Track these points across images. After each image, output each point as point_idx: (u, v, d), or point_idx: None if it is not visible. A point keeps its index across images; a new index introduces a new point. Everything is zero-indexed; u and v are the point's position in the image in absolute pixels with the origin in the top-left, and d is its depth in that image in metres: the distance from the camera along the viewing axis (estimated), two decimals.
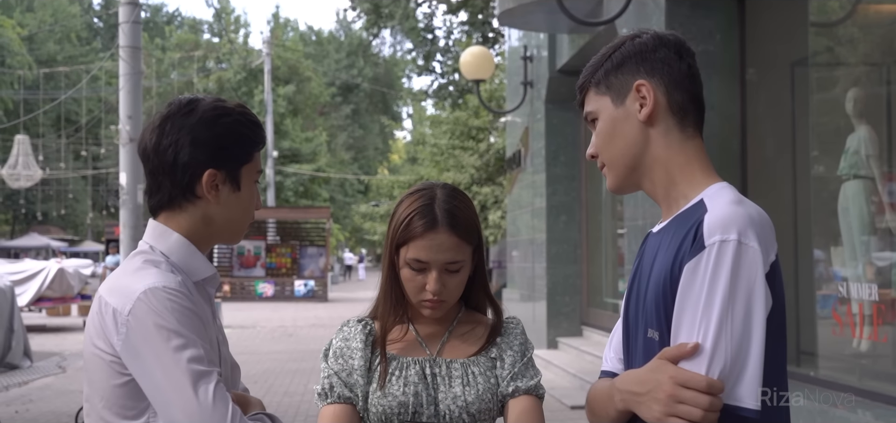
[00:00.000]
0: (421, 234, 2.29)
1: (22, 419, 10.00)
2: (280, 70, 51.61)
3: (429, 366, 2.35)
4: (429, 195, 2.34)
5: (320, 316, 24.52)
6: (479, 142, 23.99)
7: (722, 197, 1.93)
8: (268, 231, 33.95)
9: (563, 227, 13.45)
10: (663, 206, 2.07)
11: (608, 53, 2.09)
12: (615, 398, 1.99)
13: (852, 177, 6.69)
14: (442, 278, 2.30)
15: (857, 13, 7.12)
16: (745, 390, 1.82)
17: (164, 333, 2.00)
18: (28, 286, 19.94)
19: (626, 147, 2.04)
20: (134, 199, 14.47)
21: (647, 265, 2.04)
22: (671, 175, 2.03)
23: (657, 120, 2.02)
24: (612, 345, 2.23)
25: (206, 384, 1.98)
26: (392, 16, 27.94)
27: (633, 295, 2.10)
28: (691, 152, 2.04)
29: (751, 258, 1.83)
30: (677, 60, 2.04)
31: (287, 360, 14.64)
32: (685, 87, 2.03)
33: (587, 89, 2.12)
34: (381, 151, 68.82)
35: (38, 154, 34.69)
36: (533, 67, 13.99)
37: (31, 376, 13.54)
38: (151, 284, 2.05)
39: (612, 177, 2.10)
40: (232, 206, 2.21)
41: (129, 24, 14.66)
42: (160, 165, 2.17)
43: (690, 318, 1.85)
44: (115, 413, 2.08)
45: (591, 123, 2.13)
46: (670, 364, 1.85)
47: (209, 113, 2.17)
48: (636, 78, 2.03)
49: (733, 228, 1.84)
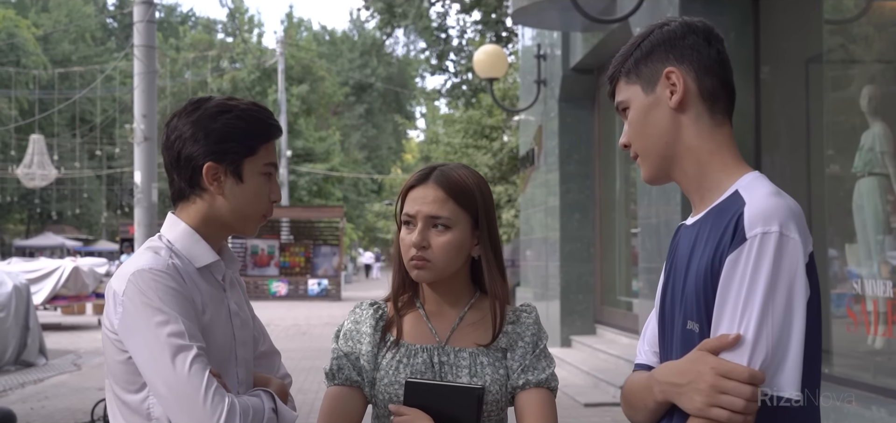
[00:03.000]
0: (411, 187, 2.35)
1: (38, 415, 10.04)
2: (293, 70, 51.65)
3: (437, 354, 2.34)
4: (436, 164, 2.40)
5: (334, 315, 24.52)
6: (493, 141, 23.95)
7: (759, 188, 1.94)
8: (281, 230, 34.02)
9: (576, 225, 13.43)
10: (695, 197, 2.07)
11: (637, 42, 2.09)
12: (654, 389, 1.98)
13: (867, 174, 6.67)
14: (425, 233, 2.30)
15: (871, 10, 7.10)
16: (786, 380, 1.84)
17: (148, 310, 2.14)
18: (43, 285, 20.02)
19: (657, 135, 2.05)
20: (148, 198, 14.50)
21: (684, 258, 2.04)
22: (702, 164, 2.03)
23: (688, 106, 2.02)
24: (646, 338, 2.23)
25: (184, 356, 2.09)
26: (405, 15, 27.93)
27: (669, 288, 2.10)
28: (722, 139, 2.04)
29: (792, 250, 1.84)
30: (706, 46, 2.04)
31: (300, 358, 14.64)
32: (715, 72, 2.03)
33: (618, 79, 2.13)
34: (395, 150, 68.79)
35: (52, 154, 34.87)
36: (546, 66, 13.99)
37: (47, 373, 13.58)
38: (140, 266, 2.20)
39: (646, 167, 2.10)
40: (237, 197, 2.31)
41: (143, 24, 14.70)
42: (169, 160, 2.33)
43: (732, 309, 1.86)
44: (122, 388, 2.24)
45: (622, 113, 2.13)
46: (711, 355, 1.86)
47: (212, 109, 2.30)
48: (666, 65, 2.03)
49: (775, 220, 1.85)
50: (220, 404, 2.08)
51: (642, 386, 2.06)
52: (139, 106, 14.71)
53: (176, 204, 2.36)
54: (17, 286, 14.46)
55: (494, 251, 2.40)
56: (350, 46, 66.98)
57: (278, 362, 2.56)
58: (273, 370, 2.50)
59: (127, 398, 2.22)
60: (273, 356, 2.55)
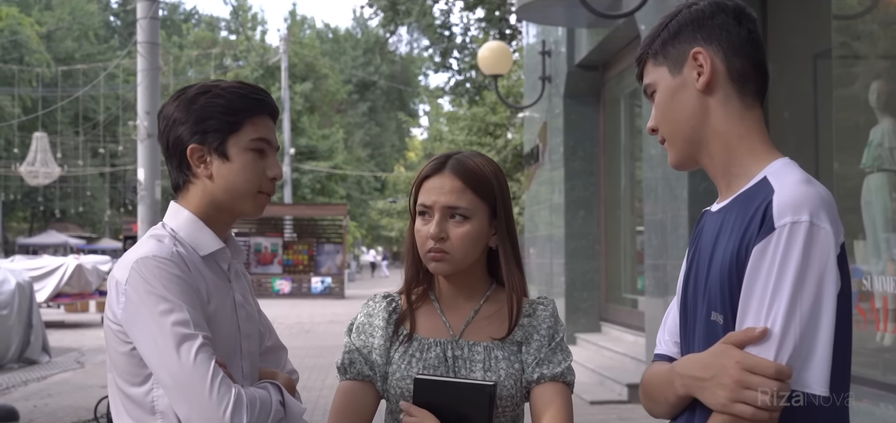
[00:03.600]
0: (427, 176, 2.28)
1: (41, 413, 10.02)
2: (297, 67, 51.66)
3: (450, 348, 2.28)
4: (450, 153, 2.33)
5: (337, 313, 24.53)
6: (497, 138, 23.93)
7: (789, 175, 1.86)
8: (285, 228, 34.02)
9: (581, 222, 13.40)
10: (722, 183, 2.00)
11: (665, 23, 2.03)
12: (676, 382, 1.92)
13: (876, 170, 6.62)
14: (443, 224, 2.24)
15: (880, 5, 7.04)
16: (813, 375, 1.76)
17: (152, 298, 2.08)
18: (46, 282, 20.02)
19: (684, 118, 1.98)
20: (152, 195, 14.46)
21: (707, 246, 1.97)
22: (730, 149, 1.96)
23: (716, 88, 1.95)
24: (667, 327, 2.16)
25: (189, 345, 2.03)
26: (409, 13, 27.93)
27: (691, 277, 2.03)
28: (751, 123, 1.97)
29: (823, 240, 1.76)
30: (736, 26, 1.96)
31: (304, 356, 14.61)
32: (745, 53, 1.96)
33: (645, 61, 2.06)
34: (398, 148, 68.75)
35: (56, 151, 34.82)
36: (551, 62, 13.94)
37: (50, 371, 13.57)
38: (143, 254, 2.14)
39: (674, 151, 2.03)
40: (225, 177, 2.25)
41: (147, 20, 14.66)
42: (163, 149, 2.30)
43: (758, 302, 1.78)
44: (125, 381, 2.17)
45: (650, 96, 2.07)
46: (736, 349, 1.78)
47: (192, 93, 2.28)
48: (693, 46, 1.96)
49: (805, 208, 1.77)
50: (226, 394, 2.03)
51: (663, 379, 1.99)
52: (142, 103, 14.67)
53: (175, 194, 2.33)
54: (21, 284, 14.46)
55: (511, 242, 2.35)
56: (353, 44, 67.02)
57: (285, 357, 2.51)
58: (280, 366, 2.45)
59: (131, 391, 2.16)
60: (279, 351, 2.50)
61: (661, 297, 8.91)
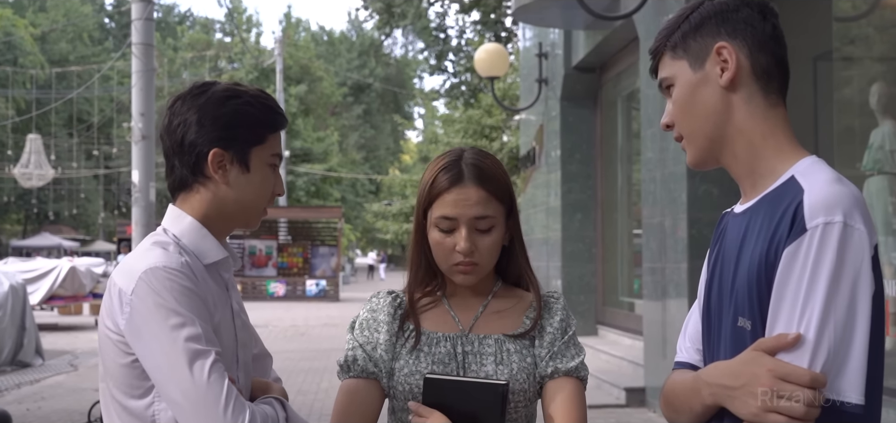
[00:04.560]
0: (447, 189, 2.18)
1: (34, 416, 9.95)
2: (292, 70, 51.65)
3: (460, 343, 2.21)
4: (456, 154, 2.24)
5: (332, 316, 24.48)
6: (493, 141, 23.90)
7: (819, 174, 1.77)
8: (279, 231, 33.96)
9: (578, 225, 13.37)
10: (746, 183, 1.91)
11: (686, 14, 1.94)
12: (703, 391, 1.83)
13: (877, 172, 6.60)
14: (472, 237, 2.17)
15: (880, 7, 7.02)
16: (848, 383, 1.67)
17: (162, 312, 1.99)
18: (40, 285, 19.95)
19: (706, 116, 1.89)
20: (146, 197, 14.42)
21: (733, 249, 1.88)
22: (755, 147, 1.87)
23: (740, 85, 1.87)
24: (688, 334, 2.08)
25: (202, 362, 1.96)
26: (404, 15, 27.86)
27: (715, 281, 1.94)
28: (776, 121, 1.88)
29: (857, 241, 1.68)
30: (761, 21, 1.88)
31: (299, 359, 14.57)
32: (770, 49, 1.88)
33: (662, 54, 1.97)
34: (393, 151, 68.81)
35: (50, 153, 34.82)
36: (548, 65, 13.90)
37: (43, 374, 13.50)
38: (152, 264, 2.04)
39: (693, 150, 1.95)
40: (242, 187, 2.17)
41: (141, 21, 14.62)
42: (171, 146, 2.17)
43: (790, 306, 1.70)
44: (124, 393, 2.08)
45: (665, 90, 1.98)
46: (767, 356, 1.70)
47: (219, 94, 2.16)
48: (717, 40, 1.88)
49: (838, 209, 1.69)
50: (240, 414, 1.96)
51: (688, 388, 1.91)
52: (137, 104, 14.63)
53: (175, 195, 2.22)
54: (14, 286, 14.39)
55: (519, 233, 2.32)
56: (348, 47, 67.06)
57: (270, 365, 2.44)
58: (266, 374, 2.39)
59: (130, 403, 2.08)
60: (265, 358, 2.43)
61: (660, 300, 8.87)
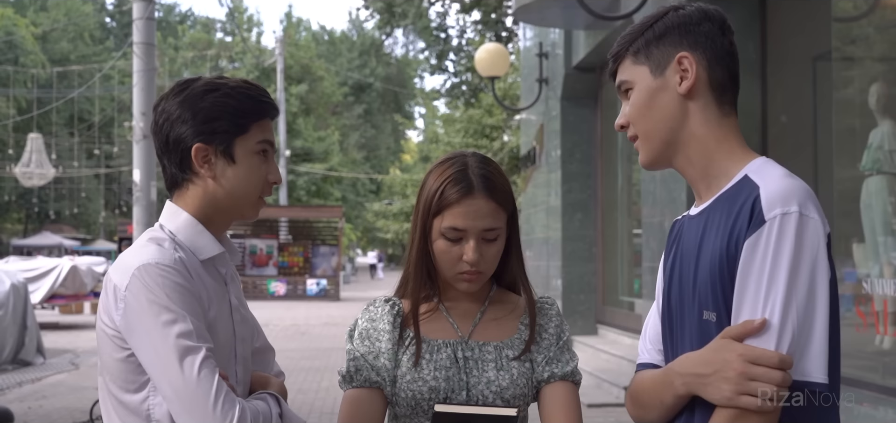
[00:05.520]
0: (457, 200, 2.20)
1: (35, 415, 9.98)
2: (292, 69, 51.65)
3: (460, 349, 2.25)
4: (461, 162, 2.26)
5: (333, 315, 24.52)
6: (493, 140, 23.93)
7: (771, 171, 1.88)
8: (280, 230, 34.00)
9: (578, 225, 13.39)
10: (700, 185, 2.01)
11: (649, 23, 2.02)
12: (675, 382, 1.91)
13: (875, 172, 6.61)
14: (480, 247, 2.20)
15: (879, 7, 7.03)
16: (812, 363, 1.77)
17: (155, 308, 2.02)
18: (41, 284, 19.99)
19: (663, 120, 1.99)
20: (147, 196, 14.44)
21: (692, 249, 1.97)
22: (709, 152, 1.97)
23: (697, 94, 1.97)
24: (648, 337, 2.16)
25: (192, 358, 1.99)
26: (405, 15, 27.88)
27: (675, 282, 2.03)
28: (729, 129, 1.99)
29: (813, 229, 1.78)
30: (720, 36, 1.99)
31: (300, 358, 14.60)
32: (726, 63, 1.98)
33: (623, 58, 2.06)
34: (393, 150, 68.78)
35: (51, 153, 34.85)
36: (548, 65, 13.93)
37: (44, 372, 13.54)
38: (146, 260, 2.07)
39: (647, 150, 2.04)
40: (230, 179, 2.20)
41: (142, 21, 14.64)
42: (159, 145, 2.22)
43: (753, 294, 1.79)
44: (119, 387, 2.12)
45: (624, 93, 2.07)
46: (737, 342, 1.79)
47: (199, 89, 2.19)
48: (679, 50, 1.97)
49: (794, 200, 1.79)
50: (230, 410, 1.99)
51: (658, 382, 1.99)
52: (138, 103, 14.65)
53: (171, 192, 2.25)
54: (15, 285, 14.42)
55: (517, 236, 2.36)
56: (349, 46, 67.05)
57: (272, 358, 2.47)
58: (268, 368, 2.42)
59: (125, 398, 2.11)
60: (267, 352, 2.46)
61: None
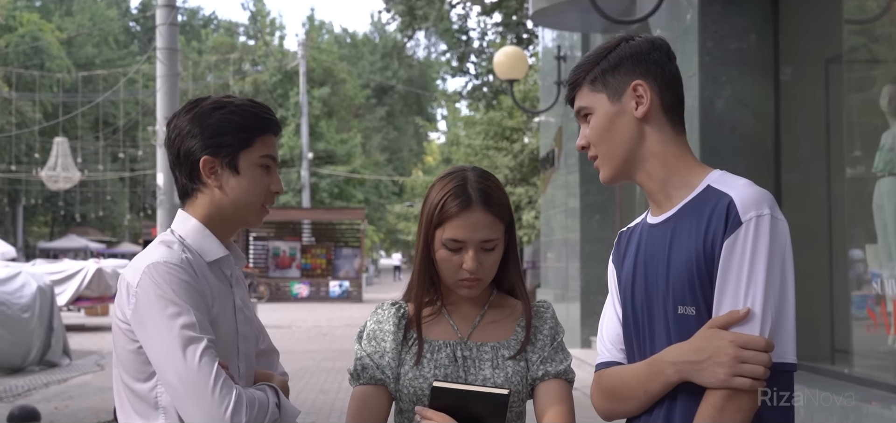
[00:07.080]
0: (456, 214, 2.37)
1: (61, 415, 10.13)
2: (315, 72, 51.71)
3: (459, 349, 2.42)
4: (460, 177, 2.42)
5: (355, 316, 24.58)
6: (513, 142, 23.93)
7: (736, 181, 2.13)
8: (303, 232, 34.14)
9: (596, 226, 13.42)
10: (660, 196, 2.23)
11: (603, 53, 2.25)
12: (667, 371, 2.11)
13: (887, 174, 6.62)
14: (478, 257, 2.37)
15: (892, 10, 7.05)
16: (786, 346, 2.05)
17: (162, 302, 2.22)
18: (67, 286, 20.19)
19: (622, 142, 2.22)
20: (171, 199, 14.59)
21: (660, 252, 2.18)
22: (668, 166, 2.22)
23: (651, 117, 2.20)
24: (608, 338, 2.36)
25: (194, 347, 2.18)
26: (426, 17, 27.92)
27: (639, 284, 2.24)
28: (682, 145, 2.24)
29: (782, 229, 2.06)
30: (668, 63, 2.24)
31: (322, 359, 14.72)
32: (673, 88, 2.23)
33: (580, 86, 2.27)
34: (416, 152, 68.73)
35: (76, 156, 35.06)
36: (567, 67, 13.96)
37: (70, 373, 13.72)
38: (155, 259, 2.29)
39: (607, 168, 2.27)
40: (235, 189, 2.40)
41: (166, 26, 14.80)
42: (171, 158, 2.45)
43: (734, 287, 2.04)
44: (131, 376, 2.32)
45: (582, 117, 2.28)
46: (725, 330, 2.03)
47: (208, 106, 2.41)
48: (633, 78, 2.20)
49: (765, 204, 2.06)
50: (227, 395, 2.17)
51: (642, 374, 2.18)
52: (162, 108, 14.82)
53: (182, 201, 2.46)
54: (42, 288, 14.59)
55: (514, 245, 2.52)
56: (371, 49, 67.01)
57: (276, 360, 2.66)
58: (272, 369, 2.60)
59: (136, 386, 2.30)
60: (271, 354, 2.65)
61: None
